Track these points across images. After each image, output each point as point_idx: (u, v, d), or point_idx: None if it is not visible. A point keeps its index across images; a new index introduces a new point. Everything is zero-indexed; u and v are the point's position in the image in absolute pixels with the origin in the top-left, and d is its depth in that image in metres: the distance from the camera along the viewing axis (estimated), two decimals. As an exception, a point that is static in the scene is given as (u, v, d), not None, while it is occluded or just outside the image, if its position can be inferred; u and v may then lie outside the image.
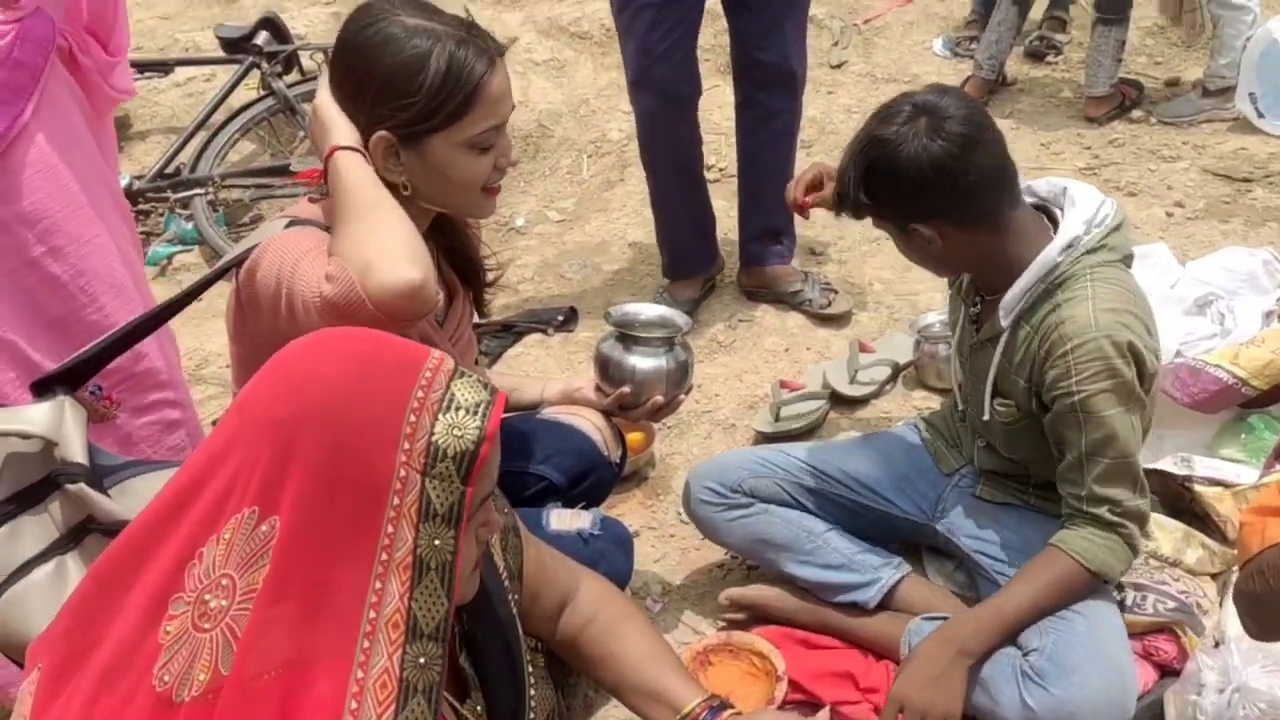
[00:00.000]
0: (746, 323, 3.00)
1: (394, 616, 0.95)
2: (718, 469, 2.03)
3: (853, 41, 4.68)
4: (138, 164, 4.08)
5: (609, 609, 1.45)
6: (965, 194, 1.62)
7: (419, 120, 1.45)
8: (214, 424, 2.75)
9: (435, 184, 1.51)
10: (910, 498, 1.99)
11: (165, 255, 3.74)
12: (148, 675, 0.93)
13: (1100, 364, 1.61)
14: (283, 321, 1.43)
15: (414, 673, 0.96)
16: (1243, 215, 3.24)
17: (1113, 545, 1.67)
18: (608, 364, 1.82)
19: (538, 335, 3.06)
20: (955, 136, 1.60)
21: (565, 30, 4.63)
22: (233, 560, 0.94)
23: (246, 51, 3.89)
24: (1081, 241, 1.67)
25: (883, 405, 2.64)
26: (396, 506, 0.95)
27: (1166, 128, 3.86)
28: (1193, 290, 2.42)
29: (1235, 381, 2.09)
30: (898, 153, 1.61)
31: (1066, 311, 1.64)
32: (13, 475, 1.41)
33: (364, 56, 1.45)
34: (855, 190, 1.68)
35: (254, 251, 1.47)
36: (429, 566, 0.96)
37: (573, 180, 3.97)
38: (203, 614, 0.93)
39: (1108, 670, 1.64)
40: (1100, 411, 1.63)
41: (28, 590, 1.36)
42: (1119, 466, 1.66)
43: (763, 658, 1.88)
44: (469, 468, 0.97)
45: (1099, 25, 3.89)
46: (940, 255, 1.71)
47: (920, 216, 1.66)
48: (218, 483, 0.96)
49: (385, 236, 1.36)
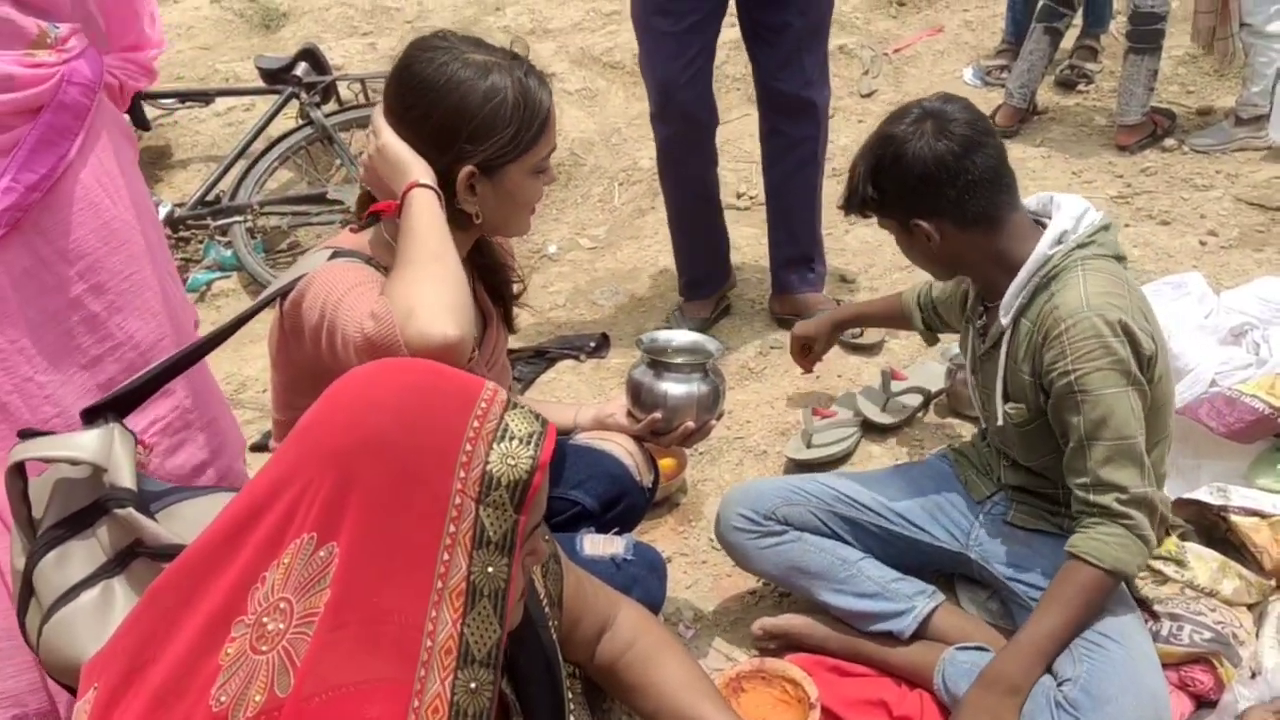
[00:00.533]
0: (778, 349, 3.02)
1: (447, 643, 0.97)
2: (751, 496, 2.03)
3: (883, 71, 4.71)
4: (178, 192, 4.17)
5: (647, 637, 1.47)
6: (965, 191, 1.72)
7: (502, 152, 1.52)
8: (253, 447, 2.78)
9: (504, 209, 1.58)
10: (943, 526, 1.99)
11: (205, 282, 3.81)
12: (205, 696, 0.95)
13: (1094, 341, 1.65)
14: (324, 353, 1.46)
15: (465, 698, 0.97)
16: (1277, 244, 3.22)
17: (1124, 540, 1.67)
18: (639, 390, 1.84)
19: (570, 361, 3.09)
20: (958, 137, 1.71)
21: (598, 60, 4.69)
22: (291, 584, 0.96)
23: (286, 82, 3.97)
24: (1070, 236, 1.74)
25: (914, 433, 2.64)
26: (452, 534, 0.98)
27: (1199, 156, 3.85)
28: (1228, 320, 2.41)
29: (1271, 411, 2.08)
30: (905, 149, 1.72)
31: (1060, 298, 1.70)
32: (62, 500, 1.45)
33: (446, 99, 1.49)
34: (864, 185, 1.77)
35: (300, 282, 1.51)
36: (482, 593, 0.99)
37: (604, 208, 4.01)
38: (260, 636, 0.96)
39: (1142, 699, 1.63)
40: (1096, 390, 1.66)
41: (75, 613, 1.39)
42: (1120, 448, 1.67)
43: (795, 685, 1.88)
44: (522, 496, 1.00)
45: (1131, 54, 3.90)
46: (939, 253, 1.79)
47: (923, 212, 1.75)
48: (279, 508, 0.99)
49: (436, 289, 1.39)
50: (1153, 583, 1.89)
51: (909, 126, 1.73)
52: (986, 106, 4.31)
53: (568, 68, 4.66)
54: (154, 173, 4.32)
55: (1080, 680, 1.65)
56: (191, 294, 3.79)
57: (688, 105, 2.82)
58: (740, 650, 2.07)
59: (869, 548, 1.99)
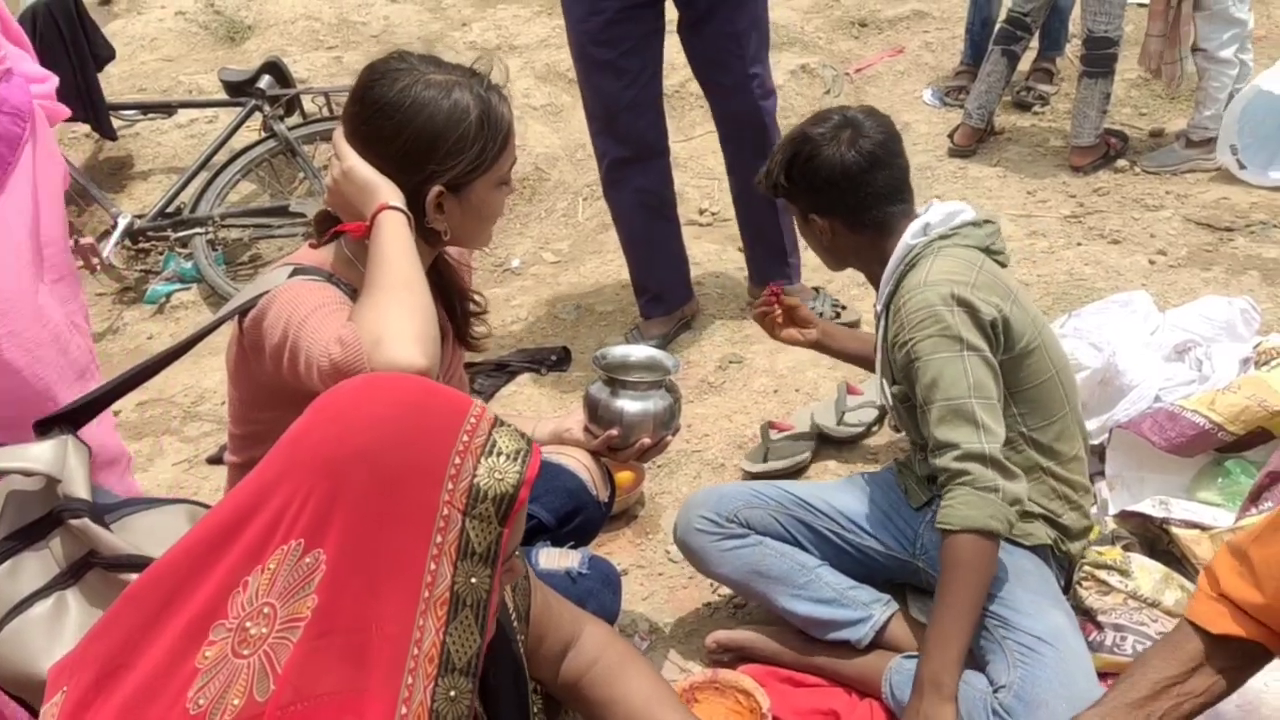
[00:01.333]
0: (736, 364, 3.05)
1: (430, 652, 0.98)
2: (714, 498, 2.06)
3: (844, 90, 4.77)
4: (139, 203, 4.15)
5: (610, 653, 1.48)
6: (863, 201, 1.87)
7: (470, 169, 1.52)
8: (210, 460, 2.77)
9: (470, 224, 1.59)
10: (891, 534, 2.02)
11: (164, 293, 3.80)
12: (182, 698, 0.95)
13: (924, 312, 1.76)
14: (284, 372, 1.46)
15: (445, 705, 0.99)
16: (1224, 264, 3.30)
17: (969, 498, 1.68)
18: (596, 407, 1.86)
19: (531, 374, 3.10)
20: (866, 153, 1.86)
21: (563, 76, 4.72)
22: (276, 589, 0.97)
23: (249, 94, 3.97)
24: (933, 228, 1.87)
25: (870, 446, 2.68)
26: (439, 544, 0.99)
27: (1150, 177, 3.94)
28: (1172, 337, 2.47)
29: (1212, 427, 2.13)
30: (818, 151, 1.87)
31: (909, 280, 1.83)
32: (15, 512, 1.44)
33: (411, 121, 1.49)
34: (778, 172, 1.93)
35: (261, 300, 1.50)
36: (465, 603, 1.00)
37: (568, 223, 4.03)
38: (242, 640, 0.96)
39: (1075, 704, 1.65)
40: (926, 355, 1.75)
41: (28, 625, 1.38)
42: (951, 408, 1.73)
43: (748, 695, 1.90)
44: (507, 510, 1.02)
45: (1085, 77, 3.98)
46: (829, 246, 1.96)
47: (822, 209, 1.91)
48: (265, 514, 1.00)
49: (405, 317, 1.39)
50: (1097, 593, 1.93)
51: (827, 131, 1.87)
52: (945, 126, 4.40)
53: (533, 83, 4.69)
54: (115, 183, 4.30)
55: (1014, 686, 1.69)
56: (150, 306, 3.77)
57: (630, 129, 2.86)
58: (695, 662, 2.08)
59: (825, 555, 2.01)
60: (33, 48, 1.86)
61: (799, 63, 4.84)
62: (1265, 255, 3.33)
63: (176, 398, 3.17)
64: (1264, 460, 2.11)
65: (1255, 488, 2.04)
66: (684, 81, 4.56)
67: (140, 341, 3.62)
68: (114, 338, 3.67)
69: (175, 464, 2.90)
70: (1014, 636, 1.75)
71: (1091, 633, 1.90)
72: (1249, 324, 2.51)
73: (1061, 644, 1.73)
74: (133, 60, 5.00)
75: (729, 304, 3.34)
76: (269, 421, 1.56)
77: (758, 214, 3.09)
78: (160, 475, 2.85)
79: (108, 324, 3.73)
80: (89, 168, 4.27)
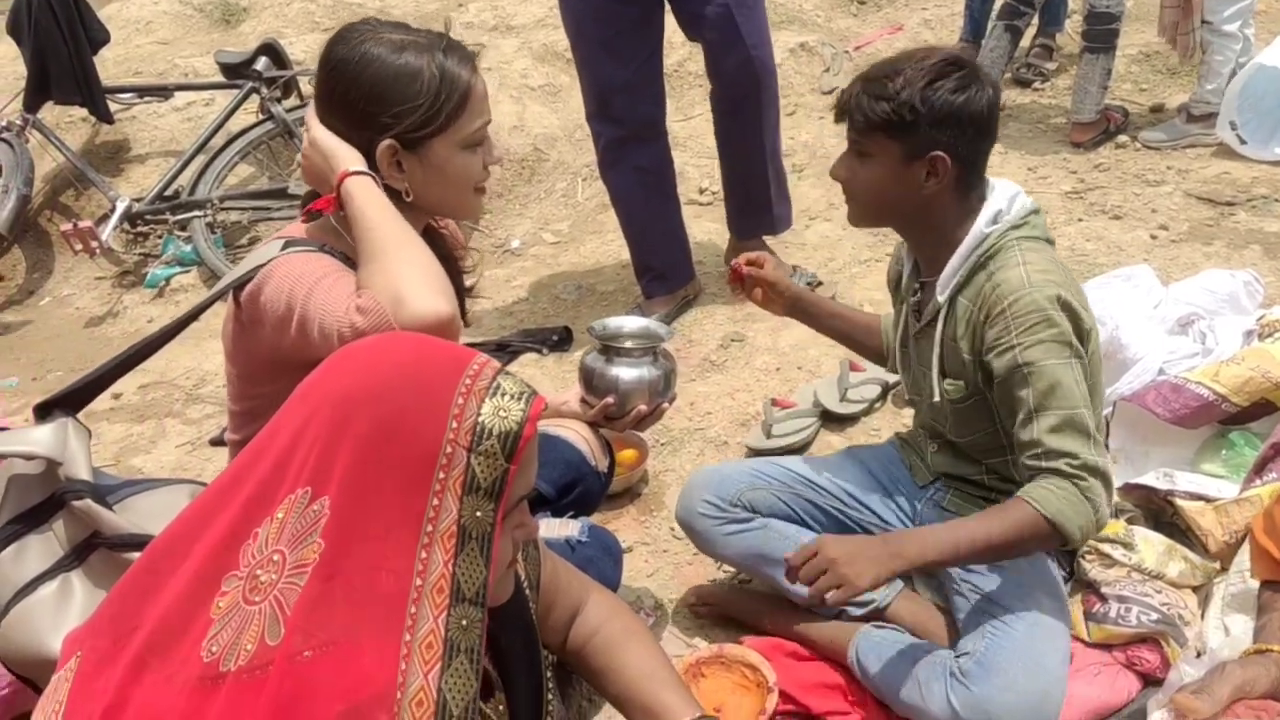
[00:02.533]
0: (739, 342, 3.05)
1: (439, 582, 1.00)
2: (715, 481, 2.05)
3: (844, 68, 4.75)
4: (137, 186, 4.13)
5: (614, 623, 1.49)
6: (985, 150, 1.73)
7: (422, 125, 1.51)
8: (212, 442, 2.77)
9: (435, 186, 1.57)
10: (892, 510, 2.02)
11: (164, 277, 3.79)
12: (196, 648, 0.97)
13: (1036, 315, 1.66)
14: (288, 342, 1.46)
15: (458, 634, 1.01)
16: (1225, 238, 3.29)
17: (1071, 498, 1.64)
18: (591, 375, 1.86)
19: (532, 355, 3.09)
20: (997, 100, 1.72)
21: (560, 56, 4.70)
22: (285, 537, 0.99)
23: (246, 77, 3.95)
24: (1005, 216, 1.75)
25: (872, 423, 2.68)
26: (442, 480, 1.01)
27: (1151, 152, 3.92)
28: (1175, 310, 2.47)
29: (1216, 398, 2.13)
30: (969, 83, 1.66)
31: (1000, 275, 1.71)
32: (17, 496, 1.46)
33: (361, 74, 1.50)
34: (913, 93, 1.65)
35: (257, 274, 1.50)
36: (471, 535, 1.02)
37: (567, 203, 4.02)
38: (253, 588, 0.98)
39: (1033, 674, 1.66)
40: (1041, 361, 1.65)
41: (34, 606, 1.40)
42: (1068, 419, 1.65)
43: (754, 669, 1.90)
44: (513, 446, 1.04)
45: (1086, 53, 3.96)
46: (915, 196, 1.72)
47: (948, 148, 1.68)
48: (273, 464, 1.02)
49: (415, 270, 1.40)
50: (1100, 565, 1.94)
51: (970, 70, 1.68)
52: (945, 103, 4.37)
53: (531, 63, 4.67)
54: (112, 167, 4.28)
55: (978, 654, 1.70)
56: (150, 289, 3.76)
57: (625, 111, 2.83)
58: (700, 637, 2.09)
59: (830, 531, 2.01)
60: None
61: (798, 40, 4.82)
62: (1267, 229, 3.33)
63: (178, 380, 3.17)
64: (1268, 432, 2.11)
65: (1259, 459, 2.04)
66: (683, 60, 4.54)
67: (140, 325, 3.61)
68: (114, 321, 3.66)
69: (178, 446, 2.90)
70: (992, 611, 1.76)
71: (1095, 604, 1.90)
72: (1252, 296, 2.51)
73: (1037, 626, 1.72)
74: (128, 44, 4.97)
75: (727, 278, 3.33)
76: (268, 396, 1.57)
77: (742, 163, 3.07)
78: (164, 457, 2.85)
79: (107, 308, 3.73)
80: (86, 151, 4.25)
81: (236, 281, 1.53)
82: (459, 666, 1.01)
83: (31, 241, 4.09)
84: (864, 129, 1.72)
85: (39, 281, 3.95)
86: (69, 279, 3.92)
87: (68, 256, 3.94)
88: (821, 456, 2.28)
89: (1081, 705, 1.79)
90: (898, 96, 1.66)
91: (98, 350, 3.47)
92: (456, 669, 1.01)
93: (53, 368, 3.42)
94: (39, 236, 4.10)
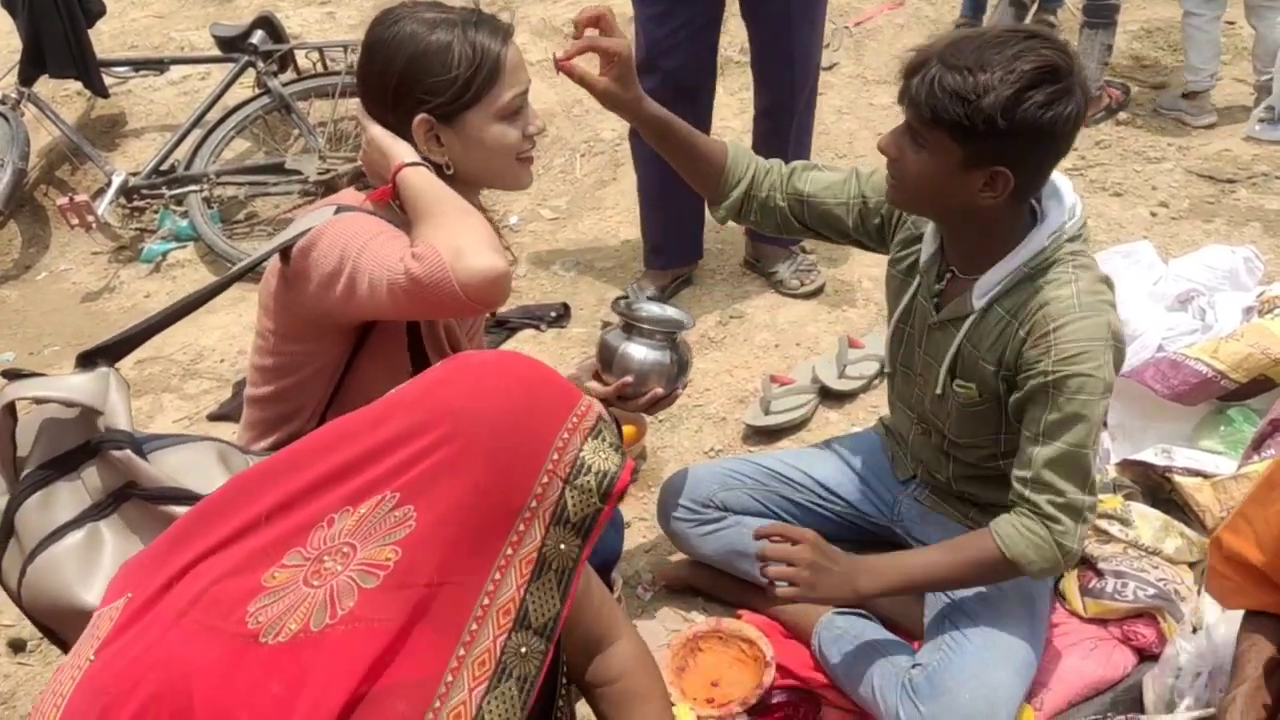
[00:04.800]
0: (738, 319, 3.04)
1: (506, 605, 1.01)
2: (688, 485, 2.05)
3: (844, 44, 4.72)
4: (133, 161, 4.11)
5: (632, 681, 1.45)
6: (1056, 161, 1.56)
7: (456, 98, 1.55)
8: (210, 417, 2.75)
9: (474, 158, 1.60)
10: (871, 501, 2.02)
11: (160, 252, 3.77)
12: (241, 609, 0.98)
13: (1081, 347, 1.55)
14: (331, 300, 1.50)
15: (513, 659, 1.02)
16: (1225, 215, 3.28)
17: (1040, 542, 1.60)
18: (611, 354, 1.85)
19: (531, 330, 3.09)
20: (1085, 110, 1.51)
21: (559, 31, 4.66)
22: (359, 532, 1.00)
23: (242, 50, 3.91)
24: (1065, 228, 1.63)
25: (870, 400, 2.68)
26: (533, 509, 1.03)
27: (1152, 130, 3.91)
28: (1175, 287, 2.47)
29: (1215, 375, 2.13)
30: (1061, 98, 1.45)
31: (1051, 293, 1.59)
32: (49, 441, 1.45)
33: (396, 52, 1.55)
34: (996, 104, 1.43)
35: (308, 233, 1.54)
36: (550, 566, 1.04)
37: (566, 179, 4.00)
38: (316, 572, 0.99)
39: (978, 695, 1.65)
40: (1069, 393, 1.56)
41: (61, 555, 1.39)
42: (1071, 455, 1.58)
43: (751, 644, 1.91)
44: (609, 487, 1.06)
45: (1085, 29, 3.94)
46: (972, 204, 1.55)
47: (1013, 164, 1.50)
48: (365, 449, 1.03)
49: (474, 230, 1.46)
50: (1097, 541, 1.95)
51: (1073, 74, 1.47)
52: (945, 80, 4.35)
53: (529, 39, 4.63)
54: (108, 141, 4.26)
55: (929, 668, 1.70)
56: (147, 264, 3.75)
57: (671, 70, 2.81)
58: (697, 612, 2.10)
59: (806, 524, 1.98)
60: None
61: (798, 16, 4.78)
62: (1267, 207, 3.32)
63: (175, 356, 3.16)
64: (1266, 408, 2.12)
65: (1257, 435, 2.05)
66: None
67: (137, 300, 3.60)
68: (111, 296, 3.65)
69: (175, 421, 2.89)
70: (954, 619, 1.77)
71: (1091, 580, 1.91)
72: (1252, 273, 2.51)
73: (993, 642, 1.71)
74: (123, 17, 4.93)
75: (729, 259, 3.32)
76: (301, 354, 1.62)
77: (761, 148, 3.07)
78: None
79: (104, 283, 3.71)
80: (82, 125, 4.22)
81: (288, 242, 1.56)
82: (506, 690, 1.01)
83: (27, 216, 4.06)
84: (928, 120, 1.50)
85: (35, 256, 3.93)
86: (65, 254, 3.90)
87: (64, 231, 3.92)
88: (799, 450, 2.26)
89: (1077, 680, 1.81)
90: (978, 102, 1.44)
91: (94, 326, 3.46)
92: (503, 693, 1.01)
93: (49, 343, 3.41)
94: (34, 211, 4.08)
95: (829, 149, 3.95)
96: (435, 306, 1.44)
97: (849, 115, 4.15)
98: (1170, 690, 1.70)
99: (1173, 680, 1.70)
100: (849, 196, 1.84)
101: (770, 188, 1.86)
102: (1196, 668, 1.68)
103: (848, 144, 3.97)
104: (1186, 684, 1.68)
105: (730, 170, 1.86)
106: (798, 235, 1.95)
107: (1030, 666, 1.74)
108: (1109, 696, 1.81)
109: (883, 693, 1.73)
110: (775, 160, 1.90)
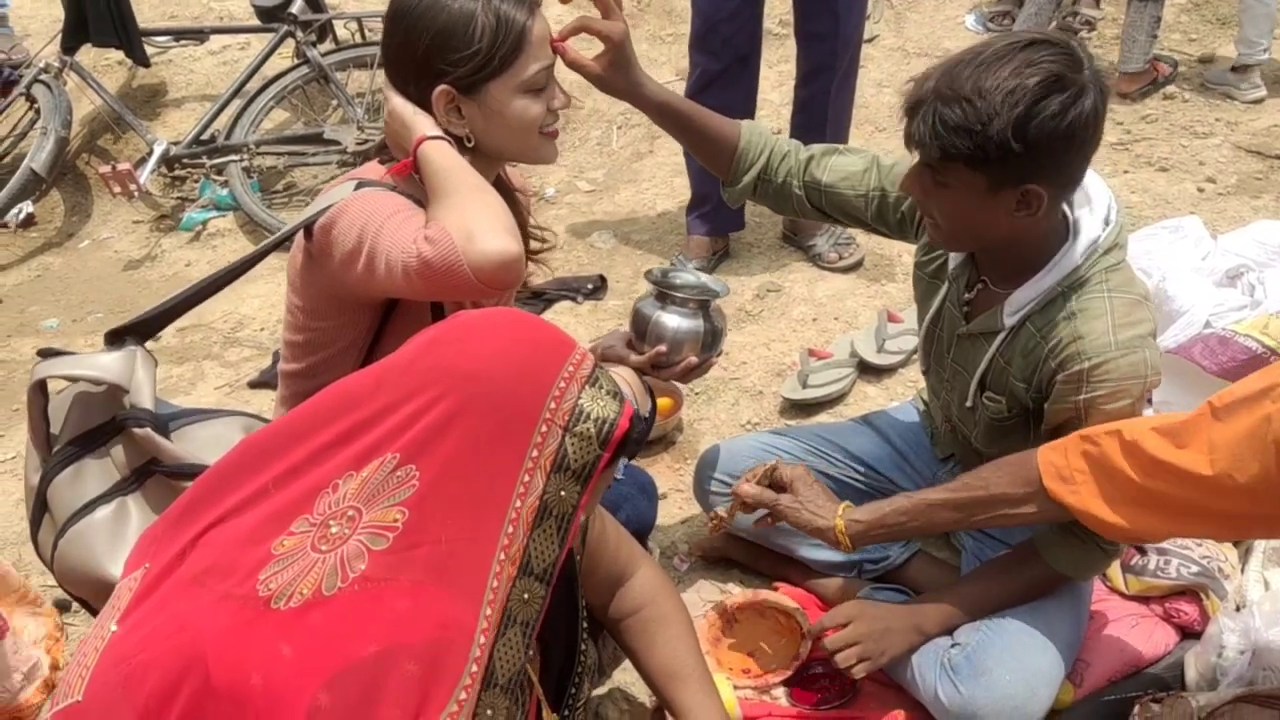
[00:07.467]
0: (775, 292, 3.03)
1: (515, 555, 1.03)
2: (725, 459, 2.04)
3: (884, 16, 4.66)
4: (174, 130, 4.14)
5: (654, 607, 1.50)
6: (1088, 160, 1.48)
7: (478, 69, 1.51)
8: (251, 384, 2.78)
9: (496, 131, 1.57)
10: (909, 476, 2.00)
11: (200, 220, 3.80)
12: (253, 578, 0.99)
13: (1115, 384, 1.51)
14: (354, 277, 1.49)
15: (518, 606, 1.03)
16: (1274, 191, 3.22)
17: (1085, 553, 1.62)
18: (645, 322, 1.84)
19: (567, 303, 3.09)
20: (1105, 101, 1.42)
21: (594, 3, 4.65)
22: (364, 495, 1.01)
23: (282, 20, 3.92)
24: (1100, 242, 1.55)
25: (909, 374, 2.66)
26: (535, 458, 1.04)
27: (1199, 104, 3.83)
28: (1224, 262, 2.42)
29: (1264, 351, 2.09)
30: (1077, 100, 1.37)
31: (1084, 326, 1.52)
32: (78, 416, 1.49)
33: (418, 22, 1.52)
34: (1004, 127, 1.36)
35: (330, 210, 1.53)
36: (551, 513, 1.05)
37: (602, 151, 3.99)
38: (323, 537, 1.00)
39: (1018, 677, 1.64)
40: (1103, 417, 1.52)
41: (90, 528, 1.44)
42: None
43: (788, 616, 1.91)
44: (609, 433, 1.07)
45: (1134, 2, 3.86)
46: (1012, 224, 1.48)
47: (1044, 178, 1.42)
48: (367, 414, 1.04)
49: (487, 212, 1.42)
50: (1142, 518, 1.92)
51: (1083, 72, 1.39)
52: (988, 53, 4.28)
53: (565, 10, 4.60)
54: (149, 110, 4.29)
55: (968, 648, 1.68)
56: (186, 232, 3.78)
57: (730, 37, 2.84)
58: (734, 583, 2.10)
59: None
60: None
61: (838, -12, 4.72)
62: (1319, 183, 3.25)
63: (216, 324, 3.19)
64: (1316, 386, 2.07)
65: (1307, 413, 2.01)
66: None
67: (178, 269, 3.63)
68: (152, 265, 3.69)
69: (217, 388, 2.92)
70: None
71: (1134, 557, 1.89)
72: (1303, 249, 2.45)
73: (1033, 624, 1.69)
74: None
75: (767, 233, 3.31)
76: (329, 330, 1.62)
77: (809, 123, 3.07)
78: (202, 399, 2.88)
79: (145, 251, 3.75)
80: (123, 95, 4.25)
81: (311, 219, 1.56)
82: (512, 637, 1.03)
83: (70, 184, 4.11)
84: (939, 160, 1.43)
85: (77, 224, 3.97)
86: (107, 222, 3.94)
87: (106, 199, 3.96)
88: (836, 424, 2.25)
89: (1118, 657, 1.79)
90: (985, 131, 1.36)
91: (137, 293, 3.50)
92: (509, 639, 1.03)
93: (92, 309, 3.45)
94: (77, 180, 4.12)
95: (868, 122, 3.91)
96: (450, 289, 1.42)
97: (888, 89, 4.10)
98: (1213, 669, 1.68)
99: (1215, 658, 1.68)
100: (868, 188, 1.78)
101: (787, 173, 1.81)
102: (1240, 646, 1.66)
103: (888, 118, 3.92)
104: (1230, 662, 1.66)
105: (744, 153, 1.81)
106: (814, 220, 1.92)
107: (1072, 648, 1.72)
108: (1150, 674, 1.79)
109: (921, 671, 1.72)
110: (794, 143, 1.85)
